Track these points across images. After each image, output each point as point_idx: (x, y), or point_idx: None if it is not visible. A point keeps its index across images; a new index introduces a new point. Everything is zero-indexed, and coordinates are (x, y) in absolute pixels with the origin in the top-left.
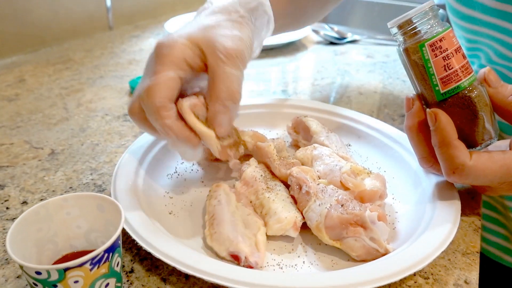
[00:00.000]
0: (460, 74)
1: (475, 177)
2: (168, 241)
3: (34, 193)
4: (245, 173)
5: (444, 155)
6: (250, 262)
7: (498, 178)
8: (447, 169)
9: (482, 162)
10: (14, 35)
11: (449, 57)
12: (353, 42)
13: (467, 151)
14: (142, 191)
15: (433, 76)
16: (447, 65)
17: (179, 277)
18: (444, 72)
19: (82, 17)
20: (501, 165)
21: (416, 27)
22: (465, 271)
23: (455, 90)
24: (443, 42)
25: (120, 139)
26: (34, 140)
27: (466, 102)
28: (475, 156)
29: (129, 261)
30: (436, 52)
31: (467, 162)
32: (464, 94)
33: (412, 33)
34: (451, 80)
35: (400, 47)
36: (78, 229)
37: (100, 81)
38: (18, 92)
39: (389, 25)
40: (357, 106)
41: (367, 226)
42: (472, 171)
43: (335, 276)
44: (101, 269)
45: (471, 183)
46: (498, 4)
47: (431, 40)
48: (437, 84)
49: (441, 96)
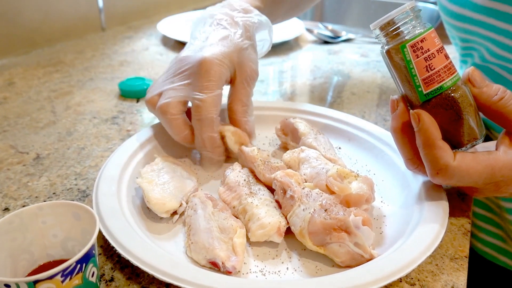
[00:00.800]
0: (443, 74)
1: (459, 178)
2: (148, 249)
3: (17, 199)
4: (228, 178)
5: (428, 156)
6: (227, 267)
7: (482, 179)
8: (431, 170)
9: (466, 162)
10: (5, 37)
11: (431, 58)
12: (348, 41)
13: (451, 151)
14: (126, 197)
15: (415, 77)
16: (429, 65)
17: (159, 285)
18: (426, 73)
19: (74, 18)
20: (486, 166)
21: (397, 28)
22: (452, 277)
23: (438, 91)
24: (424, 42)
25: (107, 143)
26: (20, 144)
27: (450, 103)
28: (459, 157)
29: (109, 269)
30: (418, 53)
31: (451, 162)
32: (447, 94)
33: (393, 34)
34: (433, 81)
35: (383, 48)
36: (55, 238)
37: (90, 83)
38: (7, 96)
39: (372, 27)
40: (349, 106)
41: (351, 231)
42: (456, 172)
43: (314, 282)
44: (74, 280)
45: (456, 184)
46: (487, 2)
47: (412, 41)
48: (419, 85)
49: (424, 97)
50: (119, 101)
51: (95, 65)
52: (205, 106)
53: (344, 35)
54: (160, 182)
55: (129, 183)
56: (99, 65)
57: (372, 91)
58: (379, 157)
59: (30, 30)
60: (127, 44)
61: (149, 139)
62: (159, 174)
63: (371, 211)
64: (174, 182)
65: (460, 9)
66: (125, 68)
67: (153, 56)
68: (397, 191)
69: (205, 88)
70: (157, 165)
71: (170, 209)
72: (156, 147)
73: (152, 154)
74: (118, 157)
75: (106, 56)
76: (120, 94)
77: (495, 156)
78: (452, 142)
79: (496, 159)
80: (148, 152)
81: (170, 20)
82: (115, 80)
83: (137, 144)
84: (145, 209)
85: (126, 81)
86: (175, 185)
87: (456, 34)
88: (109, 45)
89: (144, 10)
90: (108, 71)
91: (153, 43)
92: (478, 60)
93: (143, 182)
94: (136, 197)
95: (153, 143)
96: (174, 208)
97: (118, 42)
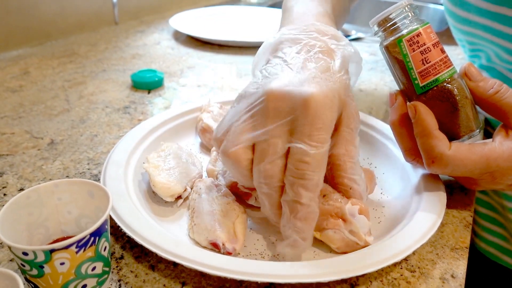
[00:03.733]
0: (439, 67)
1: (454, 167)
2: (153, 229)
3: (32, 181)
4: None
5: (424, 145)
6: (227, 248)
7: (478, 169)
8: (426, 159)
9: (461, 152)
10: (21, 29)
11: (426, 51)
12: (357, 39)
13: (447, 141)
14: (132, 181)
15: (412, 70)
16: (425, 59)
17: (167, 265)
18: (422, 65)
19: (88, 12)
20: (481, 156)
21: (394, 24)
22: (452, 265)
23: (434, 83)
24: (420, 37)
25: (118, 131)
26: (34, 130)
27: (446, 95)
28: (454, 146)
29: (119, 248)
30: (414, 47)
31: (446, 151)
32: (443, 86)
33: (391, 29)
34: (429, 74)
35: (382, 44)
36: (69, 215)
37: (102, 74)
38: (22, 84)
39: (370, 24)
40: (357, 103)
41: (347, 218)
42: (450, 161)
43: (308, 265)
44: (87, 252)
45: (451, 173)
46: (491, 6)
47: (408, 35)
48: (416, 78)
49: (420, 90)
50: (131, 92)
51: (107, 57)
52: (314, 164)
53: (353, 34)
54: (166, 167)
55: (135, 168)
56: (112, 57)
57: (380, 89)
58: (381, 150)
59: (46, 22)
60: (139, 38)
61: (156, 126)
62: (165, 160)
63: (371, 202)
64: (179, 168)
65: (465, 13)
66: (137, 61)
67: (164, 50)
68: (397, 183)
69: (315, 138)
70: (163, 151)
71: (174, 193)
72: (162, 135)
73: (159, 141)
74: (126, 143)
75: (118, 49)
76: (132, 86)
77: (490, 146)
78: (449, 134)
79: (491, 150)
80: (155, 139)
81: (182, 15)
82: (127, 72)
83: (144, 131)
84: (151, 193)
85: (138, 72)
86: (180, 171)
87: (462, 37)
88: (122, 39)
89: (157, 5)
90: (120, 63)
91: (164, 38)
92: (485, 62)
93: (150, 167)
94: (142, 181)
95: (160, 131)
96: (179, 192)
97: (130, 35)
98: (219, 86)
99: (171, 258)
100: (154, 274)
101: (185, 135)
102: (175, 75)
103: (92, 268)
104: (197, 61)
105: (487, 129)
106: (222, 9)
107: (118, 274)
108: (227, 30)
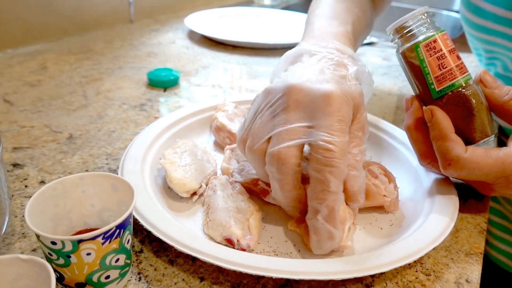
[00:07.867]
0: (455, 73)
1: (470, 170)
2: (170, 224)
3: (52, 173)
4: None
5: (440, 148)
6: (241, 244)
7: (493, 173)
8: (443, 162)
9: (477, 155)
10: (39, 24)
11: (443, 57)
12: (370, 44)
13: (463, 144)
14: (149, 176)
15: (428, 75)
16: (441, 64)
17: (186, 259)
18: (438, 71)
19: (104, 10)
20: (496, 159)
21: (411, 30)
22: (467, 270)
23: (450, 88)
24: (437, 43)
25: (135, 127)
26: (53, 124)
27: (461, 100)
28: (470, 150)
29: (138, 241)
30: (431, 52)
31: (462, 154)
32: (458, 91)
33: (408, 36)
34: (445, 78)
35: (398, 50)
36: (92, 208)
37: (118, 71)
38: (40, 79)
39: (387, 30)
40: (370, 107)
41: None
42: (467, 164)
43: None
44: (112, 244)
45: (467, 176)
46: (509, 14)
47: (425, 41)
48: (432, 83)
49: (436, 94)
50: (147, 90)
51: (123, 54)
52: (339, 152)
53: (367, 39)
54: (182, 164)
55: (152, 164)
56: (127, 54)
57: (393, 93)
58: (394, 155)
59: (63, 19)
60: (154, 36)
61: (172, 124)
62: (181, 156)
63: None
64: (195, 165)
65: (482, 21)
66: (152, 59)
67: (179, 49)
68: (409, 187)
69: (337, 128)
70: (179, 148)
71: (190, 189)
72: (178, 132)
73: (174, 138)
74: (143, 139)
75: (133, 46)
76: (148, 83)
77: (506, 151)
78: (464, 139)
79: (507, 154)
80: (171, 136)
81: (196, 15)
82: (143, 70)
83: (160, 128)
84: (166, 189)
85: (154, 71)
86: (196, 168)
87: (479, 45)
88: (137, 37)
89: (171, 5)
90: (136, 61)
91: (179, 37)
92: (501, 70)
93: (166, 163)
94: (158, 177)
95: (175, 128)
96: (194, 188)
97: (145, 34)
98: (233, 86)
99: (189, 252)
100: (173, 268)
101: (200, 133)
102: (190, 74)
103: (115, 260)
104: (211, 61)
105: (500, 137)
106: (236, 10)
107: (137, 267)
108: (240, 31)
